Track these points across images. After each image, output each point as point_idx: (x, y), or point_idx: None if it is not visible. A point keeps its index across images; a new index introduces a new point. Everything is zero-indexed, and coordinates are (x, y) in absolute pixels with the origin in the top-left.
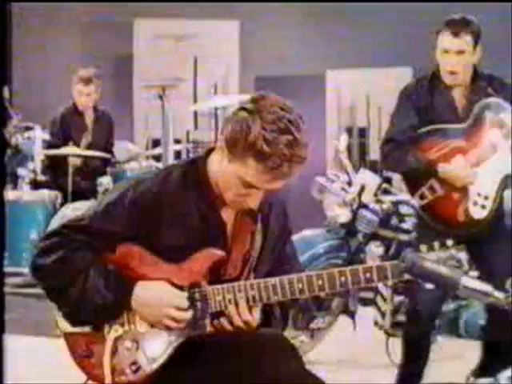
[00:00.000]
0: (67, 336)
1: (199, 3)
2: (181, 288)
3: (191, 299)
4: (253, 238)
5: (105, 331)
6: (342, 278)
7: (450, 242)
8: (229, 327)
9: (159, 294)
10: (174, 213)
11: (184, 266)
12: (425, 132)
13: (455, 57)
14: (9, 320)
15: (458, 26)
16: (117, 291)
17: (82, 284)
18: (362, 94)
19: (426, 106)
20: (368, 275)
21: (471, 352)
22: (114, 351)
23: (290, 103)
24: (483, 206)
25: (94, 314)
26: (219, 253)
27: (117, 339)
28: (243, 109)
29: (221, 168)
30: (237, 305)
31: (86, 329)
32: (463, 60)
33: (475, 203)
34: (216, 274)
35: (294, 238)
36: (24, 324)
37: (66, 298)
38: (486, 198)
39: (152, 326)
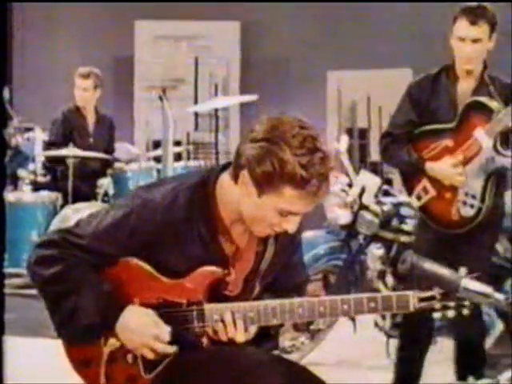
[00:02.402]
0: (65, 343)
1: (200, 4)
2: (179, 305)
3: (189, 317)
4: (257, 258)
5: (101, 343)
6: (345, 306)
7: None
8: (224, 337)
9: (144, 323)
10: (176, 241)
11: (183, 283)
12: (420, 132)
13: (471, 45)
14: (9, 321)
15: (475, 15)
16: (105, 314)
17: (74, 302)
18: (363, 95)
19: (426, 102)
20: (372, 305)
21: None
22: (112, 362)
23: (301, 118)
24: (472, 206)
25: (80, 331)
26: (219, 271)
27: (113, 351)
28: (263, 140)
29: (248, 203)
30: (235, 323)
31: None
32: (479, 48)
33: (464, 203)
34: (216, 291)
35: None
36: (24, 325)
37: (57, 311)
38: (474, 197)
39: None
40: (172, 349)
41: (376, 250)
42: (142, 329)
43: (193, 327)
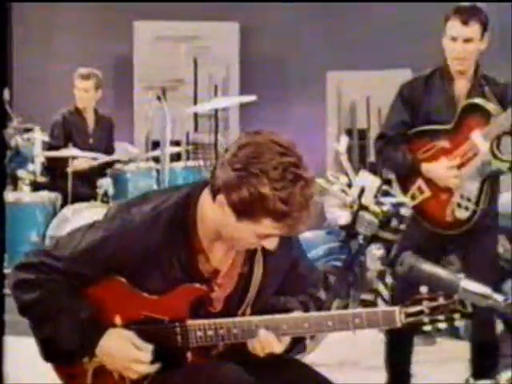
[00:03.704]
0: None
1: (199, 5)
2: (161, 321)
3: (171, 333)
4: (241, 279)
5: (85, 360)
6: (330, 323)
7: None
8: (262, 353)
9: (123, 347)
10: (155, 263)
11: (166, 299)
12: (416, 132)
13: (463, 45)
14: (8, 321)
15: (467, 14)
16: (83, 341)
17: (52, 329)
18: (363, 95)
19: (419, 103)
20: (357, 321)
21: None
22: (98, 376)
23: (278, 136)
24: (466, 208)
25: (61, 355)
26: (202, 288)
27: (98, 367)
28: (242, 170)
29: (225, 224)
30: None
31: None
32: (471, 48)
33: (459, 205)
34: (200, 307)
35: None
36: (24, 325)
37: (38, 334)
38: (469, 199)
39: None
40: (154, 368)
41: (376, 251)
42: (122, 353)
43: (176, 343)
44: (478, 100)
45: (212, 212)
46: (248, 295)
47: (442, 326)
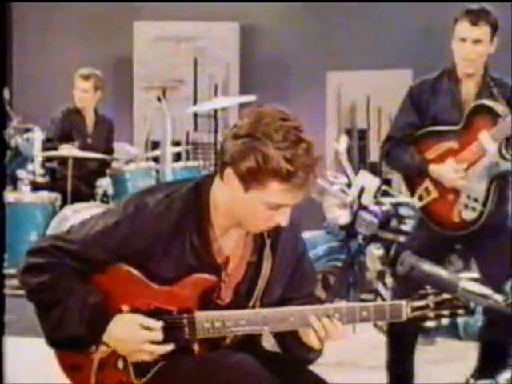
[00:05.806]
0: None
1: (199, 5)
2: (169, 313)
3: (179, 325)
4: (249, 269)
5: (92, 349)
6: (337, 315)
7: None
8: (327, 339)
9: (132, 330)
10: (168, 249)
11: (174, 290)
12: (423, 133)
13: (472, 46)
14: (8, 321)
15: (476, 16)
16: (90, 327)
17: (59, 313)
18: (362, 95)
19: (428, 105)
20: (364, 314)
21: (470, 353)
22: (102, 367)
23: (279, 107)
24: (473, 209)
25: (67, 341)
26: (212, 278)
27: (104, 357)
28: (246, 136)
29: (235, 199)
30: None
31: None
32: (479, 49)
33: (466, 205)
34: (208, 299)
35: None
36: (24, 325)
37: (44, 319)
38: (476, 200)
39: None
40: (167, 348)
41: (375, 251)
42: (132, 336)
43: (184, 335)
44: (486, 101)
45: (222, 193)
46: (257, 287)
47: (446, 321)
